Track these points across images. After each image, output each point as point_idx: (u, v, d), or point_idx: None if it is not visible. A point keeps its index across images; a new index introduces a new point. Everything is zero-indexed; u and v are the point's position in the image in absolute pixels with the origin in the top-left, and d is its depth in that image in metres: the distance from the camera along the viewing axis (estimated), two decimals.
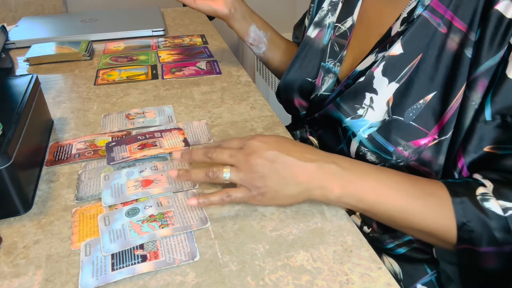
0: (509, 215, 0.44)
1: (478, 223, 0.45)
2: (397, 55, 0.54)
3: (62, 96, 0.81)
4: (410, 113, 0.53)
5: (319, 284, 0.42)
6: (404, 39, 0.54)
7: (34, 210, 0.52)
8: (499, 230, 0.44)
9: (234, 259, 0.45)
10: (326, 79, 0.66)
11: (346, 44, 0.65)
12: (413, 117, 0.53)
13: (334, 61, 0.66)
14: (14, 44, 1.06)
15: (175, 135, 0.65)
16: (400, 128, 0.54)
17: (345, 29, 0.65)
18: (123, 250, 0.46)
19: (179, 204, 0.52)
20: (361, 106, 0.57)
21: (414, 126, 0.53)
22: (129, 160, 0.59)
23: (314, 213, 0.51)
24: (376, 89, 0.56)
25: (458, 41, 0.51)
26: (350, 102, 0.58)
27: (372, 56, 0.58)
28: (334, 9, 0.67)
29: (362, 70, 0.59)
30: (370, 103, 0.56)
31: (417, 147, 0.53)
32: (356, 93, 0.58)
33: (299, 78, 0.70)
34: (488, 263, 0.46)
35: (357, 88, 0.58)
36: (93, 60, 0.99)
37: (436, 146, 0.52)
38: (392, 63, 0.55)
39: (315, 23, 0.69)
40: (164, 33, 1.14)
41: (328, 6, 0.68)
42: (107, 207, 0.52)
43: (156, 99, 0.79)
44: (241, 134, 0.67)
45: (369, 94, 0.56)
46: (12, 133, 0.51)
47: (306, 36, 0.70)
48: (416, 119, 0.53)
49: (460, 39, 0.51)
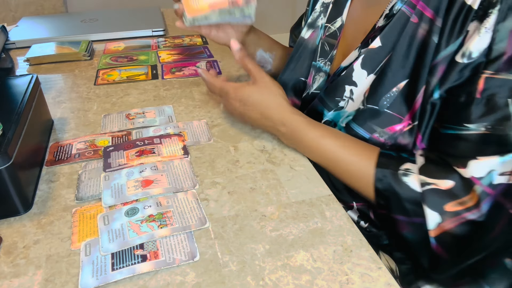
0: (424, 190, 0.49)
1: (391, 192, 0.52)
2: (375, 48, 0.57)
3: (62, 96, 0.81)
4: (384, 101, 0.56)
5: (319, 284, 0.42)
6: (383, 33, 0.57)
7: (34, 210, 0.52)
8: (409, 202, 0.50)
9: (234, 259, 0.45)
10: (317, 78, 0.68)
11: (336, 44, 0.67)
12: (387, 105, 0.56)
13: (325, 60, 0.68)
14: (14, 44, 1.07)
15: (175, 142, 0.64)
16: (375, 116, 0.57)
17: (335, 29, 0.67)
18: (123, 250, 0.46)
19: (178, 204, 0.52)
20: (342, 99, 0.61)
21: (388, 113, 0.56)
22: (126, 167, 0.59)
23: (314, 213, 0.51)
24: (355, 82, 0.59)
25: (427, 28, 0.53)
26: (331, 95, 0.62)
27: (355, 51, 0.61)
28: (326, 11, 0.69)
29: (346, 66, 0.61)
30: (350, 95, 0.60)
31: (393, 132, 0.56)
32: (337, 87, 0.61)
33: (293, 78, 0.72)
34: (403, 229, 0.52)
35: (338, 82, 0.61)
36: (93, 60, 0.99)
37: (410, 131, 0.55)
38: (371, 56, 0.58)
39: (309, 24, 0.71)
40: (164, 33, 1.14)
41: (321, 7, 0.70)
42: (107, 207, 0.52)
43: (156, 99, 0.79)
44: (241, 134, 0.67)
45: (349, 86, 0.60)
46: (12, 133, 0.51)
47: (300, 37, 0.72)
48: (390, 106, 0.55)
49: (429, 27, 0.53)
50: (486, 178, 0.47)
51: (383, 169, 0.53)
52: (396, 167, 0.52)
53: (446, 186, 0.48)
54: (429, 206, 0.48)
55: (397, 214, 0.52)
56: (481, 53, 0.47)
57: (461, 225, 0.47)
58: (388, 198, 0.52)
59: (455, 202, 0.48)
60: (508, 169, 0.46)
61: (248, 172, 0.59)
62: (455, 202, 0.48)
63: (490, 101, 0.47)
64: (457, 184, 0.48)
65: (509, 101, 0.46)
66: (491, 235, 0.47)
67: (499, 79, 0.46)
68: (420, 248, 0.51)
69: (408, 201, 0.50)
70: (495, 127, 0.46)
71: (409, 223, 0.51)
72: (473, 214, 0.47)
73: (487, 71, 0.47)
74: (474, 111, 0.47)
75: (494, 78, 0.46)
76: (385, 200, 0.53)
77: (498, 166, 0.46)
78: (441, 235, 0.48)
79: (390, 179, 0.52)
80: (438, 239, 0.48)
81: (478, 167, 0.47)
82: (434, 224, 0.48)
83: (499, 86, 0.46)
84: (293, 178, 0.57)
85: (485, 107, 0.47)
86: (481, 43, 0.47)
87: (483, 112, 0.47)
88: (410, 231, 0.51)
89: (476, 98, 0.47)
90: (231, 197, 0.54)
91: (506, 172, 0.46)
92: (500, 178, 0.46)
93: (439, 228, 0.48)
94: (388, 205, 0.52)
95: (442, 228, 0.48)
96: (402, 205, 0.51)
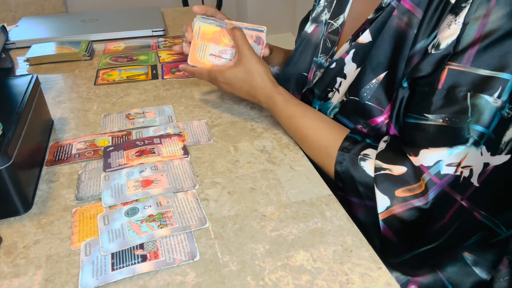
0: (377, 174, 0.51)
1: (347, 175, 0.54)
2: (366, 43, 0.58)
3: (62, 96, 0.81)
4: (364, 93, 0.57)
5: (319, 284, 0.42)
6: (371, 26, 0.58)
7: (34, 210, 0.52)
8: (363, 186, 0.52)
9: (234, 259, 0.45)
10: (317, 74, 0.69)
11: (337, 40, 0.67)
12: (367, 97, 0.57)
13: (326, 57, 0.68)
14: (14, 44, 1.07)
15: (175, 142, 0.64)
16: (357, 107, 0.58)
17: (337, 26, 0.67)
18: (123, 250, 0.46)
19: (178, 204, 0.52)
20: (331, 90, 0.63)
21: (369, 105, 0.57)
22: (126, 167, 0.59)
23: (314, 213, 0.51)
24: (346, 74, 0.61)
25: (406, 20, 0.54)
26: (322, 86, 0.65)
27: (346, 44, 0.62)
28: (330, 6, 0.69)
29: (338, 59, 0.63)
30: (338, 86, 0.62)
31: (375, 125, 0.57)
32: (328, 79, 0.63)
33: (296, 73, 0.73)
34: (357, 212, 0.54)
35: (329, 74, 0.63)
36: (93, 60, 0.99)
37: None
38: (361, 50, 0.59)
39: (313, 18, 0.72)
40: (164, 33, 1.14)
41: (325, 2, 0.70)
42: (107, 207, 0.52)
43: (156, 99, 0.79)
44: (241, 134, 0.67)
45: (340, 78, 0.62)
46: (12, 133, 0.51)
47: (303, 32, 0.72)
48: (371, 98, 0.57)
49: (408, 19, 0.53)
50: (434, 167, 0.48)
51: (344, 153, 0.55)
52: (357, 152, 0.54)
53: (399, 172, 0.50)
54: (380, 190, 0.50)
55: (351, 196, 0.54)
56: (448, 45, 0.48)
57: (408, 210, 0.49)
58: (344, 180, 0.54)
59: (405, 188, 0.49)
60: (455, 161, 0.47)
61: (248, 172, 0.59)
62: (405, 188, 0.49)
63: (449, 93, 0.47)
64: (408, 171, 0.49)
65: (468, 95, 0.46)
66: (439, 223, 0.49)
67: (462, 72, 0.47)
68: (372, 230, 0.53)
69: (362, 185, 0.52)
70: (452, 119, 0.47)
71: (361, 205, 0.53)
72: (419, 201, 0.48)
73: (452, 62, 0.48)
74: (435, 102, 0.48)
75: (456, 70, 0.47)
76: (342, 182, 0.55)
77: (446, 157, 0.47)
78: (389, 218, 0.50)
79: (348, 163, 0.54)
80: (386, 221, 0.50)
81: (427, 157, 0.48)
82: (384, 207, 0.50)
83: (461, 78, 0.47)
84: (293, 178, 0.57)
85: (445, 98, 0.48)
86: (450, 35, 0.48)
87: (442, 104, 0.48)
88: (363, 213, 0.54)
89: (437, 89, 0.48)
90: (231, 197, 0.54)
91: (453, 163, 0.47)
92: (447, 168, 0.47)
93: (387, 211, 0.50)
94: (344, 187, 0.55)
95: (391, 212, 0.49)
96: (356, 188, 0.53)
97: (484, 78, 0.46)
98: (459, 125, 0.47)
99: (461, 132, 0.47)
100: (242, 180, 0.57)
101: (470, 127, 0.47)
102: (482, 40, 0.46)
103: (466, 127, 0.47)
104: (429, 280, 0.54)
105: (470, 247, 0.53)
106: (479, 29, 0.46)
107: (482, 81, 0.46)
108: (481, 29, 0.46)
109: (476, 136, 0.46)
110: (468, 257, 0.53)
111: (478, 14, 0.46)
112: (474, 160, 0.47)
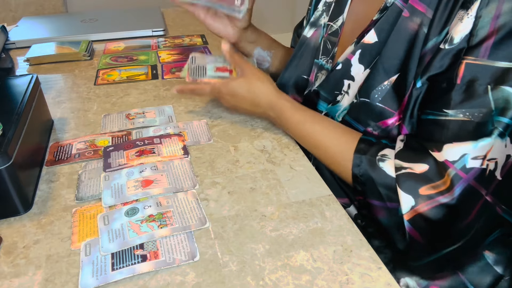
0: (398, 174, 0.50)
1: (367, 178, 0.53)
2: (372, 43, 0.58)
3: (62, 96, 0.81)
4: (376, 94, 0.56)
5: (319, 284, 0.42)
6: (376, 27, 0.57)
7: (34, 210, 0.52)
8: (384, 187, 0.51)
9: (234, 259, 0.45)
10: (319, 76, 0.69)
11: (336, 42, 0.67)
12: (379, 99, 0.56)
13: (327, 58, 0.68)
14: (14, 44, 1.06)
15: (175, 142, 0.64)
16: (368, 109, 0.57)
17: (337, 27, 0.67)
18: (123, 250, 0.46)
19: (178, 204, 0.52)
20: (340, 93, 0.62)
21: (381, 107, 0.56)
22: (126, 167, 0.59)
23: (314, 213, 0.51)
24: (353, 76, 0.60)
25: (419, 22, 0.53)
26: (329, 89, 0.64)
27: (352, 46, 0.61)
28: (328, 10, 0.69)
29: (343, 60, 0.62)
30: (348, 89, 0.61)
31: (386, 126, 0.56)
32: (334, 81, 0.63)
33: (295, 75, 0.73)
34: (379, 214, 0.53)
35: (335, 76, 0.62)
36: (93, 60, 0.99)
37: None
38: (367, 51, 0.58)
39: (311, 23, 0.72)
40: (164, 33, 1.14)
41: (323, 6, 0.70)
42: (107, 207, 0.52)
43: (156, 99, 0.79)
44: (241, 134, 0.67)
45: (348, 81, 0.61)
46: (12, 133, 0.51)
47: (302, 36, 0.72)
48: (382, 100, 0.56)
49: (421, 20, 0.53)
50: (460, 161, 0.47)
51: (361, 155, 0.54)
52: (374, 153, 0.53)
53: (421, 170, 0.49)
54: (403, 189, 0.49)
55: (372, 199, 0.53)
56: (462, 39, 0.48)
57: (434, 208, 0.48)
58: (364, 183, 0.53)
59: (429, 185, 0.48)
60: (481, 154, 0.47)
61: (248, 172, 0.59)
62: (428, 186, 0.48)
63: (469, 88, 0.47)
64: (431, 168, 0.49)
65: (488, 88, 0.46)
66: (466, 221, 0.48)
67: (480, 65, 0.46)
68: (394, 233, 0.52)
69: (383, 186, 0.51)
70: (474, 114, 0.47)
71: (383, 208, 0.52)
72: (445, 198, 0.47)
73: (468, 57, 0.47)
74: (454, 97, 0.48)
75: (474, 64, 0.47)
76: (361, 185, 0.54)
77: (471, 150, 0.47)
78: (414, 217, 0.49)
79: (366, 165, 0.53)
80: (411, 221, 0.49)
81: (452, 151, 0.48)
82: (408, 207, 0.49)
83: (479, 72, 0.46)
84: (293, 178, 0.57)
85: (465, 93, 0.47)
86: (463, 29, 0.47)
87: (463, 99, 0.47)
88: (385, 216, 0.52)
89: (456, 84, 0.48)
90: (231, 197, 0.54)
91: (479, 156, 0.47)
92: (472, 162, 0.47)
93: (412, 211, 0.49)
94: (364, 190, 0.54)
95: (416, 211, 0.48)
96: (377, 190, 0.52)
97: (504, 70, 0.45)
98: (481, 119, 0.46)
99: (485, 125, 0.46)
100: (242, 180, 0.57)
101: (494, 119, 0.46)
102: (497, 32, 0.45)
103: (490, 120, 0.46)
104: (450, 283, 0.53)
105: (490, 245, 0.52)
106: (493, 21, 0.46)
107: (502, 73, 0.45)
108: (494, 21, 0.46)
109: (501, 127, 0.46)
110: (489, 256, 0.53)
111: (491, 7, 0.46)
112: (498, 152, 0.47)
